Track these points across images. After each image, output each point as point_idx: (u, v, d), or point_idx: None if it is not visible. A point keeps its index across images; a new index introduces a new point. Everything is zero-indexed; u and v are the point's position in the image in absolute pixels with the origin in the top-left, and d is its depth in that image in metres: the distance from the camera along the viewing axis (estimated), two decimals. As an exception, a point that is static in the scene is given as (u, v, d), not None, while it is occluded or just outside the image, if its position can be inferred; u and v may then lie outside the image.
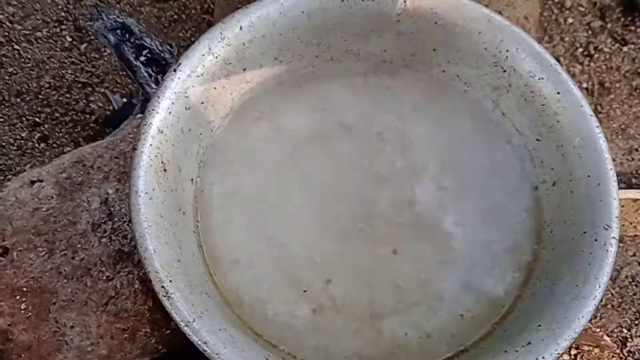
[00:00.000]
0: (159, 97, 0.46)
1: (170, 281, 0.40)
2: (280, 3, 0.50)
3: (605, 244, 0.44)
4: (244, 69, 0.51)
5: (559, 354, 0.41)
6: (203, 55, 0.48)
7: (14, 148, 0.73)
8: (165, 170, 0.45)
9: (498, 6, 0.60)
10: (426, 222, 0.50)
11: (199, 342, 0.39)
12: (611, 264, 0.43)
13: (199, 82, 0.48)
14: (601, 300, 0.72)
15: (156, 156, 0.45)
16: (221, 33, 0.49)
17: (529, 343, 0.42)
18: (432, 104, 0.54)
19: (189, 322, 0.39)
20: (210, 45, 0.49)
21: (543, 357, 0.40)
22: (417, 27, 0.53)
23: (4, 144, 0.72)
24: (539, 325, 0.43)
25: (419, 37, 0.53)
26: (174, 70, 0.47)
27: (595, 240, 0.44)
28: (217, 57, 0.49)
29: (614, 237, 0.44)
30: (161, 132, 0.46)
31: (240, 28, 0.50)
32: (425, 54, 0.54)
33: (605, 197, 0.46)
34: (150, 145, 0.45)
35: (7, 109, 0.75)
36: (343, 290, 0.47)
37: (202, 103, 0.49)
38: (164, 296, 0.40)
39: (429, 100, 0.55)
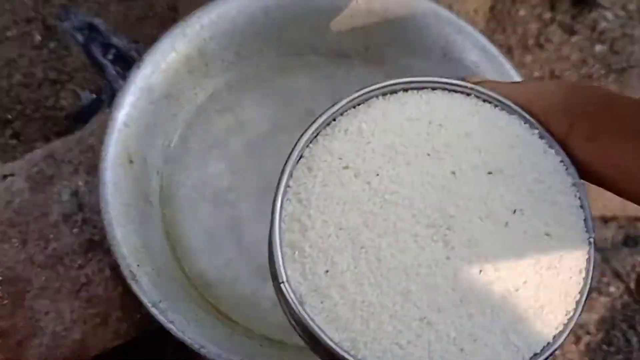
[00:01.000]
0: (124, 93, 0.48)
1: (138, 265, 0.43)
2: (238, 0, 0.52)
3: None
4: (206, 64, 0.53)
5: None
6: (166, 52, 0.50)
7: (-13, 145, 0.74)
8: (131, 162, 0.47)
9: (448, 1, 0.63)
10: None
11: (166, 322, 0.41)
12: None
13: (162, 77, 0.50)
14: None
15: (122, 149, 0.47)
16: (183, 30, 0.51)
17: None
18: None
19: (155, 303, 0.41)
20: (173, 42, 0.50)
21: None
22: (370, 22, 0.55)
23: (-25, 141, 0.73)
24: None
25: (372, 31, 0.55)
26: (138, 67, 0.49)
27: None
28: (179, 54, 0.51)
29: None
30: (127, 126, 0.47)
31: (201, 26, 0.51)
32: (378, 48, 0.57)
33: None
34: (117, 138, 0.46)
35: (-22, 107, 0.76)
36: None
37: (166, 98, 0.51)
38: (132, 279, 0.42)
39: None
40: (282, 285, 0.22)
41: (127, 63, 0.62)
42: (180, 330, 0.41)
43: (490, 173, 0.23)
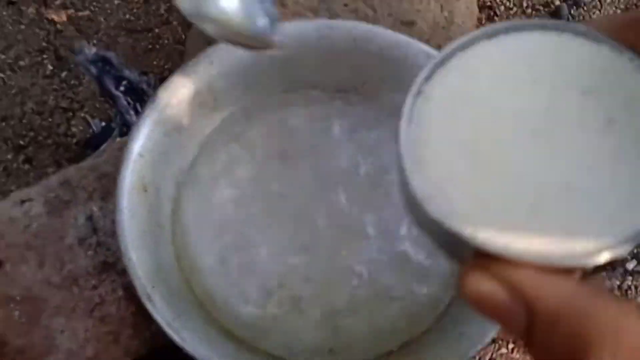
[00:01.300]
0: (139, 125, 0.51)
1: (153, 287, 0.46)
2: (246, 41, 0.56)
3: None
4: (215, 99, 0.57)
5: (487, 340, 0.47)
6: (177, 87, 0.54)
7: (0, 169, 0.77)
8: (145, 190, 0.51)
9: (438, 40, 0.67)
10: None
11: (179, 340, 0.44)
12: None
13: (174, 111, 0.54)
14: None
15: (137, 178, 0.50)
16: (194, 68, 0.55)
17: (461, 333, 0.48)
18: (380, 126, 0.61)
19: (169, 322, 0.45)
20: (184, 78, 0.54)
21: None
22: (367, 61, 0.59)
23: (-11, 166, 0.77)
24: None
25: (369, 69, 0.59)
26: (152, 101, 0.52)
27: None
28: (190, 89, 0.54)
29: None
30: (141, 157, 0.51)
31: (211, 63, 0.55)
32: (374, 84, 0.61)
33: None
34: (132, 168, 0.50)
35: (-7, 133, 0.79)
36: (305, 293, 0.53)
37: (178, 129, 0.54)
38: (147, 300, 0.45)
39: (378, 122, 0.61)
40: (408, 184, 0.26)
41: (137, 94, 0.66)
42: (192, 347, 0.44)
43: (584, 93, 0.27)
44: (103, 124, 0.77)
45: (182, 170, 0.56)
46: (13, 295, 0.53)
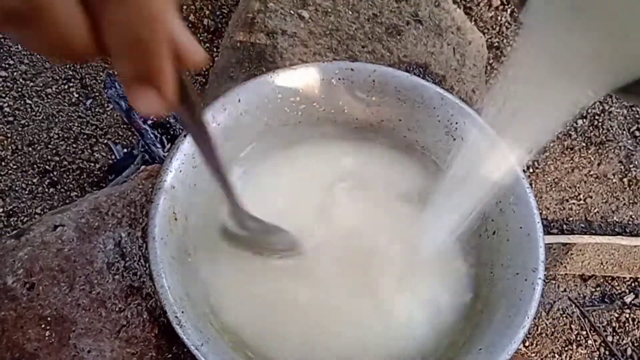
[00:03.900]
0: (171, 158, 0.54)
1: (182, 312, 0.48)
2: (272, 82, 0.59)
3: (533, 283, 0.53)
4: (241, 134, 0.60)
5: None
6: (208, 122, 0.57)
7: (26, 192, 0.79)
8: (176, 219, 0.53)
9: (451, 81, 0.70)
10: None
11: (206, 363, 0.46)
12: (537, 299, 0.52)
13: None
14: (530, 329, 0.81)
15: (169, 207, 0.53)
16: (223, 105, 0.57)
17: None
18: (394, 163, 0.64)
19: (198, 346, 0.46)
20: (214, 114, 0.57)
21: (483, 375, 0.49)
22: (384, 101, 0.62)
23: (17, 188, 0.78)
24: (480, 349, 0.51)
25: (385, 109, 0.62)
26: (184, 136, 0.55)
27: (525, 280, 0.53)
28: (219, 124, 0.57)
29: (539, 278, 0.53)
30: (173, 188, 0.53)
31: (239, 101, 0.58)
32: (390, 123, 0.64)
33: (534, 245, 0.55)
34: (164, 198, 0.52)
35: (20, 157, 0.81)
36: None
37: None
38: (177, 325, 0.47)
39: (391, 160, 0.64)
40: None
41: (164, 128, 0.68)
42: (219, 370, 0.46)
43: None
44: (125, 150, 0.79)
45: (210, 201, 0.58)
46: (44, 316, 0.55)
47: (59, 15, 0.23)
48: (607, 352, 0.81)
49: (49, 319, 0.55)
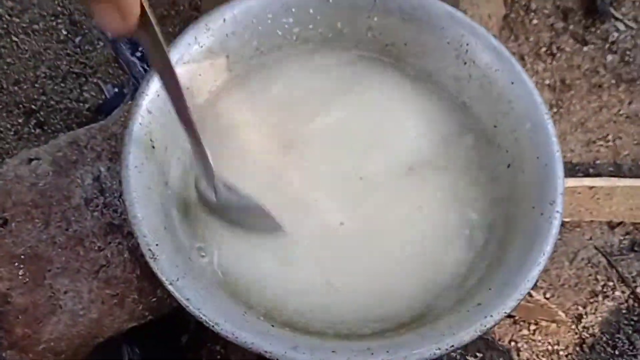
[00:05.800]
0: (148, 81, 0.49)
1: (157, 245, 0.44)
2: (261, -2, 0.54)
3: (550, 217, 0.48)
4: (227, 57, 0.55)
5: (505, 312, 0.44)
6: (189, 44, 0.52)
7: (11, 133, 0.76)
8: (153, 147, 0.49)
9: (463, 5, 0.64)
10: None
11: (182, 299, 0.42)
12: (555, 234, 0.47)
13: (185, 68, 0.52)
14: (551, 278, 0.76)
15: (145, 134, 0.48)
16: (206, 24, 0.53)
17: (479, 304, 0.45)
18: (402, 94, 0.58)
19: (172, 281, 0.43)
20: (197, 35, 0.52)
21: (491, 315, 0.44)
22: (387, 22, 0.56)
23: (1, 129, 0.75)
24: (490, 289, 0.46)
25: (389, 31, 0.57)
26: (163, 57, 0.50)
27: (542, 214, 0.48)
28: (202, 47, 0.53)
29: (557, 211, 0.48)
30: (150, 113, 0.49)
31: (224, 20, 0.53)
32: (394, 48, 0.58)
33: (552, 176, 0.50)
34: (140, 124, 0.48)
35: (5, 97, 0.78)
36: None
37: (188, 88, 0.52)
38: (151, 258, 0.43)
39: (400, 90, 0.58)
40: None
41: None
42: (195, 307, 0.42)
43: None
44: (115, 89, 0.76)
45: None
46: (17, 254, 0.52)
47: None
48: (636, 305, 0.77)
49: (22, 257, 0.52)
